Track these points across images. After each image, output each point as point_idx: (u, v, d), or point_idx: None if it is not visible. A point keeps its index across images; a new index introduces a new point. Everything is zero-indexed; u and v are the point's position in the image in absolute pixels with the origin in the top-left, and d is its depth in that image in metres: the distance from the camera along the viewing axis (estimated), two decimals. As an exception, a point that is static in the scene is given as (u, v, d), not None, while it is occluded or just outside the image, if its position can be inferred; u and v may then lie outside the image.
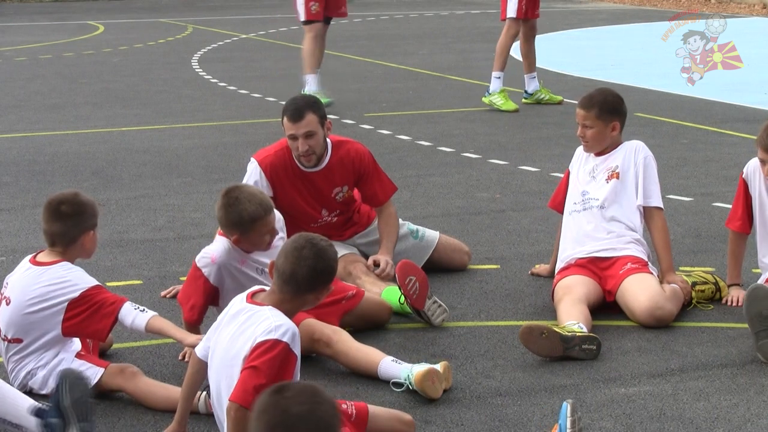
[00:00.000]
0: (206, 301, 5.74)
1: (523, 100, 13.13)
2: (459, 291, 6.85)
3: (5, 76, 15.81)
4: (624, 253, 6.50)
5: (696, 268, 6.95)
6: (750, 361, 5.76)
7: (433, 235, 7.21)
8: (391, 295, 6.40)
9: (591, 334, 5.86)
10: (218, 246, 5.72)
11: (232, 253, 5.69)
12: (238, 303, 4.67)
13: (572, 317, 6.00)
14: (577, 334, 5.81)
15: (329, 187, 6.72)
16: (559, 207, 6.90)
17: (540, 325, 5.80)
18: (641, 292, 6.27)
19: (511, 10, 12.62)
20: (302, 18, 12.85)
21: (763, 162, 6.31)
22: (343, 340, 5.66)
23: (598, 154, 6.75)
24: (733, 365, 5.74)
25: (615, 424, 5.09)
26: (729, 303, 6.56)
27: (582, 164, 6.80)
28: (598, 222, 6.60)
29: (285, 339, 4.45)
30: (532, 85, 13.18)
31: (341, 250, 6.82)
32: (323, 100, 12.24)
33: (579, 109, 6.70)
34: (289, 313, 4.57)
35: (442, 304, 6.30)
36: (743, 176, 6.49)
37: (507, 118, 12.40)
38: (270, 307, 4.55)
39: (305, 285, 4.57)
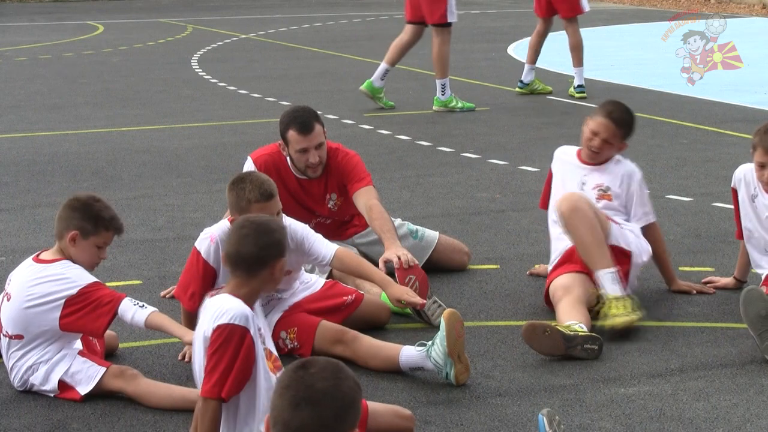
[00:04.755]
0: (206, 286, 5.70)
1: (518, 89, 13.40)
2: (459, 291, 6.85)
3: (5, 76, 15.81)
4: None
5: (697, 269, 6.94)
6: (750, 361, 5.76)
7: (432, 235, 7.21)
8: (390, 295, 6.39)
9: (593, 334, 5.85)
10: (218, 226, 5.78)
11: None
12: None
13: (572, 318, 5.98)
14: (580, 333, 5.80)
15: (320, 194, 6.74)
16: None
17: (543, 323, 5.79)
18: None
19: (586, 5, 13.19)
20: (453, 19, 12.65)
21: (762, 166, 6.28)
22: (358, 336, 5.74)
23: (588, 162, 6.71)
24: (733, 365, 5.73)
25: (615, 424, 5.09)
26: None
27: (568, 172, 6.74)
28: None
29: (237, 322, 4.42)
30: (529, 76, 13.48)
31: (341, 249, 6.82)
32: (461, 104, 12.48)
33: (608, 122, 6.60)
34: (249, 297, 4.54)
35: (442, 304, 6.29)
36: (732, 187, 6.50)
37: (507, 118, 12.41)
38: (225, 294, 4.53)
39: (253, 262, 4.52)
